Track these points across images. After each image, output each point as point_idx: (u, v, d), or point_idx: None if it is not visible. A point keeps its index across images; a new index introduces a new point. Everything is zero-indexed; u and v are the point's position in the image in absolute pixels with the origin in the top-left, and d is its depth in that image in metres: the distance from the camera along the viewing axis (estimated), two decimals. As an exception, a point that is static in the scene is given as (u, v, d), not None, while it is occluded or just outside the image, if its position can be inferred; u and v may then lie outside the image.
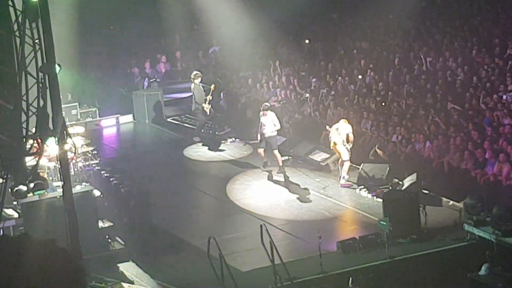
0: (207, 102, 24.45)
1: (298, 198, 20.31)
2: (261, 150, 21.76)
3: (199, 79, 24.59)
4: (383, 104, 23.44)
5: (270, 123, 21.43)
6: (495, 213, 16.43)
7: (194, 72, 24.86)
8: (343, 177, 20.75)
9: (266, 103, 22.25)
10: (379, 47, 27.29)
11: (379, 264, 16.42)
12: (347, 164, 20.69)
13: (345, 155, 20.66)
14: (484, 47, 24.85)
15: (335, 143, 20.72)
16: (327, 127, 21.58)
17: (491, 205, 16.96)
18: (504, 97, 21.73)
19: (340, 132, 20.71)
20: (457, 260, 16.42)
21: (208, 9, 28.96)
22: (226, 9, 28.62)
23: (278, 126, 21.56)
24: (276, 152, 21.55)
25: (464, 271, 15.84)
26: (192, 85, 24.60)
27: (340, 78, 25.83)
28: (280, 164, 21.59)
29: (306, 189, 20.80)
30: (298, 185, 21.08)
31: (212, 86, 24.62)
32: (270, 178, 21.64)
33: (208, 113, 24.62)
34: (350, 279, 15.53)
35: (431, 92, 23.17)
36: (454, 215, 18.29)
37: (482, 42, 25.36)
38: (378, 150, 21.23)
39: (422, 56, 25.37)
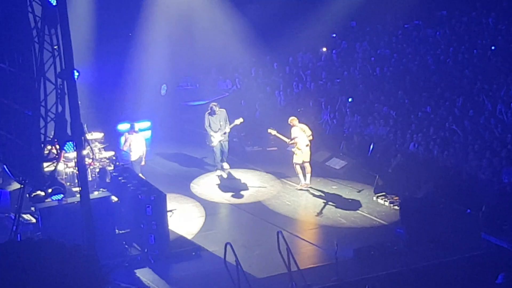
0: (220, 133, 22.25)
1: (314, 206, 20.31)
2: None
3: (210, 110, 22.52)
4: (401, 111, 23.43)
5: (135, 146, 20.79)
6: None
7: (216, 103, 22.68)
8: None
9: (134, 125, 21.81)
10: (397, 54, 27.24)
11: (395, 272, 16.40)
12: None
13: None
14: (502, 55, 24.78)
15: (307, 145, 20.87)
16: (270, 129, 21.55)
17: (508, 213, 16.89)
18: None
19: (306, 134, 20.80)
20: (474, 269, 16.36)
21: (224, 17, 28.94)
22: (243, 16, 28.64)
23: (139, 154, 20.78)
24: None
25: (481, 279, 15.79)
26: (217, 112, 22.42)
27: (359, 85, 25.83)
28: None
29: (322, 196, 20.80)
30: (314, 193, 21.10)
31: (238, 121, 22.40)
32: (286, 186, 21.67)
33: (210, 143, 22.47)
34: (366, 286, 15.50)
35: (449, 100, 23.11)
36: (471, 223, 18.22)
37: (499, 49, 25.28)
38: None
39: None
